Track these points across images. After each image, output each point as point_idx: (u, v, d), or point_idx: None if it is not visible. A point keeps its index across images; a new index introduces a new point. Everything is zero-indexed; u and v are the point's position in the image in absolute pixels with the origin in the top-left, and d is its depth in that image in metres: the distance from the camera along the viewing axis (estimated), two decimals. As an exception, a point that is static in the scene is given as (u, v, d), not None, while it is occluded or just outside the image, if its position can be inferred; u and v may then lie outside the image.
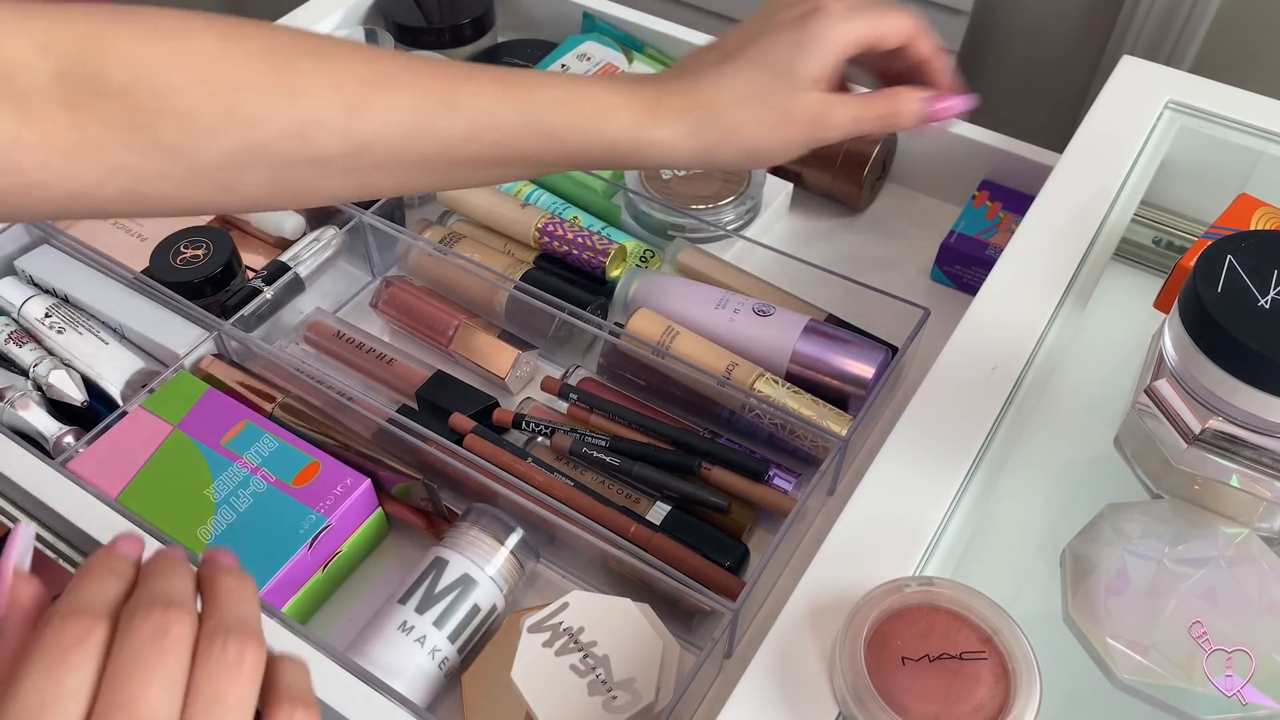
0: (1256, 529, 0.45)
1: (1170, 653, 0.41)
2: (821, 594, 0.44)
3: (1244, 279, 0.41)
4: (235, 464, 0.55)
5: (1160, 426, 0.46)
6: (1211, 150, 0.64)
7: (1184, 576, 0.43)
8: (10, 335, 0.63)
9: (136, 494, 0.54)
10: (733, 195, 0.70)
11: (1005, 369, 0.52)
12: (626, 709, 0.45)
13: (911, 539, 0.46)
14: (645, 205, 0.70)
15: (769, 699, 0.41)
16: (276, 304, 0.65)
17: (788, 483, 0.57)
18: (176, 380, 0.59)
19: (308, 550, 0.52)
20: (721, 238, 0.70)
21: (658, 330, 0.62)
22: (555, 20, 0.85)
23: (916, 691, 0.38)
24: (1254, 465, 0.43)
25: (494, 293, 0.65)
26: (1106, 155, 0.61)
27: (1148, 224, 0.66)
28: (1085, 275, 0.57)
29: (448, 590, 0.51)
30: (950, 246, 0.68)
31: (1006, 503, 0.52)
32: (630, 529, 0.54)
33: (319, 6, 0.82)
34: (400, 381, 0.63)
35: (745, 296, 0.63)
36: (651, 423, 0.59)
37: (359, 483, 0.54)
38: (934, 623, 0.40)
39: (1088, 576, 0.44)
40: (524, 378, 0.65)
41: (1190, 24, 1.20)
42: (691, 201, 0.69)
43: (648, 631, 0.47)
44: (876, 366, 0.59)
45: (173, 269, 0.64)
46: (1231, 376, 0.40)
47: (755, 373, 0.59)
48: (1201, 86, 0.65)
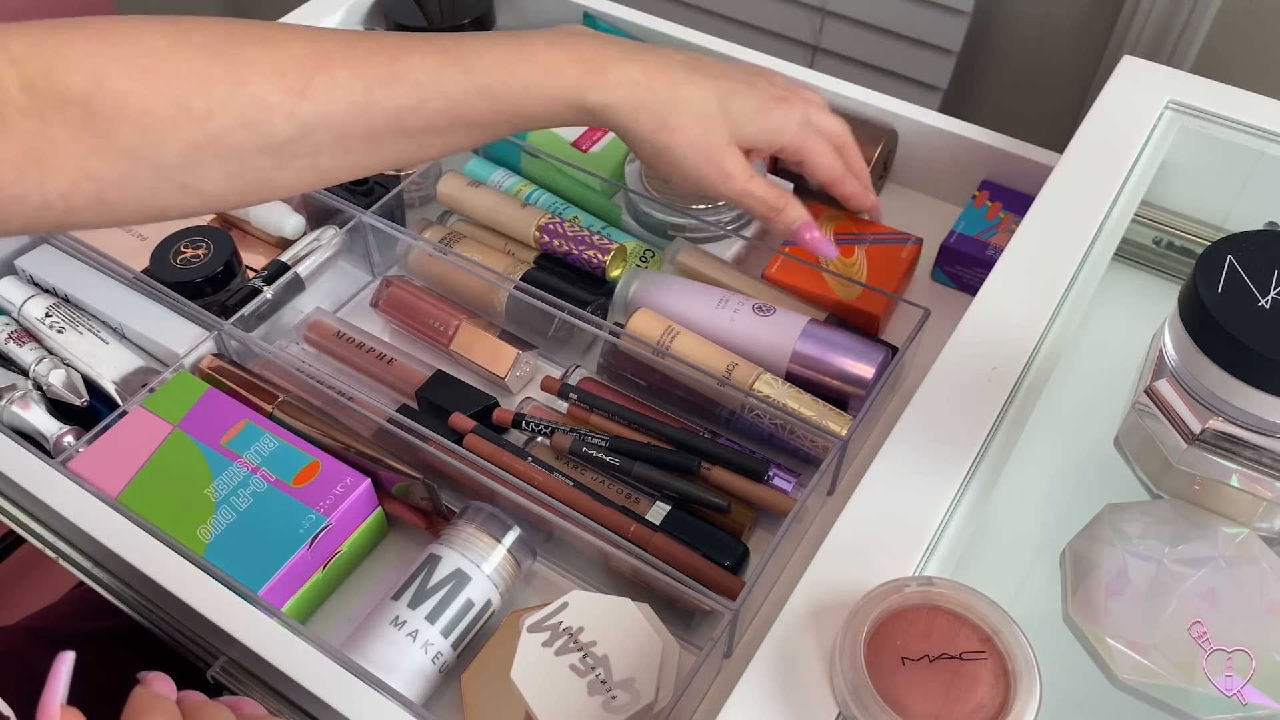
0: (1257, 529, 0.45)
1: (1170, 653, 0.41)
2: (821, 594, 0.44)
3: (1244, 279, 0.41)
4: (235, 463, 0.55)
5: (1160, 426, 0.46)
6: (1212, 151, 0.64)
7: (1184, 577, 0.43)
8: (10, 335, 0.63)
9: (136, 493, 0.54)
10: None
11: (1005, 369, 0.52)
12: (626, 709, 0.45)
13: (911, 539, 0.45)
14: (645, 205, 0.70)
15: (769, 699, 0.41)
16: (276, 304, 0.65)
17: (788, 483, 0.57)
18: (176, 380, 0.59)
19: (308, 550, 0.52)
20: (721, 238, 0.70)
21: (658, 330, 0.62)
22: (556, 20, 0.85)
23: (916, 691, 0.38)
24: (1254, 465, 0.43)
25: (494, 292, 0.65)
26: (1107, 156, 0.61)
27: (1148, 224, 0.66)
28: (1085, 275, 0.57)
29: (439, 585, 0.51)
30: (950, 247, 0.68)
31: (1007, 503, 0.52)
32: (630, 529, 0.54)
33: (319, 6, 0.82)
34: (400, 381, 0.63)
35: (745, 296, 0.63)
36: (651, 422, 0.59)
37: (359, 482, 0.54)
38: (934, 623, 0.40)
39: (1088, 576, 0.44)
40: (524, 377, 0.65)
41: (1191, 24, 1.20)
42: (691, 201, 0.69)
43: (647, 631, 0.47)
44: (876, 366, 0.59)
45: (173, 269, 0.64)
46: (1232, 376, 0.40)
47: (755, 373, 0.59)
48: (1202, 87, 0.65)
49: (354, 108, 0.46)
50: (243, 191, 0.47)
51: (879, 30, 1.30)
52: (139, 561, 0.50)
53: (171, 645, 0.54)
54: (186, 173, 0.44)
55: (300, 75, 0.45)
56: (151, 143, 0.43)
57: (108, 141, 0.42)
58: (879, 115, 0.72)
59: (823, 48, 1.37)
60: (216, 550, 0.52)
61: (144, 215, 0.46)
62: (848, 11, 1.30)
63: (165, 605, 0.54)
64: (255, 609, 0.48)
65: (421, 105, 0.48)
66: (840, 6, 1.30)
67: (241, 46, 0.44)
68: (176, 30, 0.44)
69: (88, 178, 0.42)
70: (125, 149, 0.42)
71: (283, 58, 0.45)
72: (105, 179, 0.43)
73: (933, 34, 1.27)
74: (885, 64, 1.33)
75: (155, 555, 0.50)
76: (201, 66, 0.43)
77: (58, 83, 0.41)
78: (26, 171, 0.41)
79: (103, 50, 0.42)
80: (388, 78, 0.47)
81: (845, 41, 1.34)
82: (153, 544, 0.50)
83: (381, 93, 0.47)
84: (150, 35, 0.43)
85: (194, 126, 0.43)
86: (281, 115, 0.45)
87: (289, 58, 0.45)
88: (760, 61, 0.75)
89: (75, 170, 0.42)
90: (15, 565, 1.26)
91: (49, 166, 0.41)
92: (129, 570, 0.51)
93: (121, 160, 0.43)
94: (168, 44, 0.43)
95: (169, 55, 0.43)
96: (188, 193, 0.45)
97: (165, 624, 0.54)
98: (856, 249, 0.68)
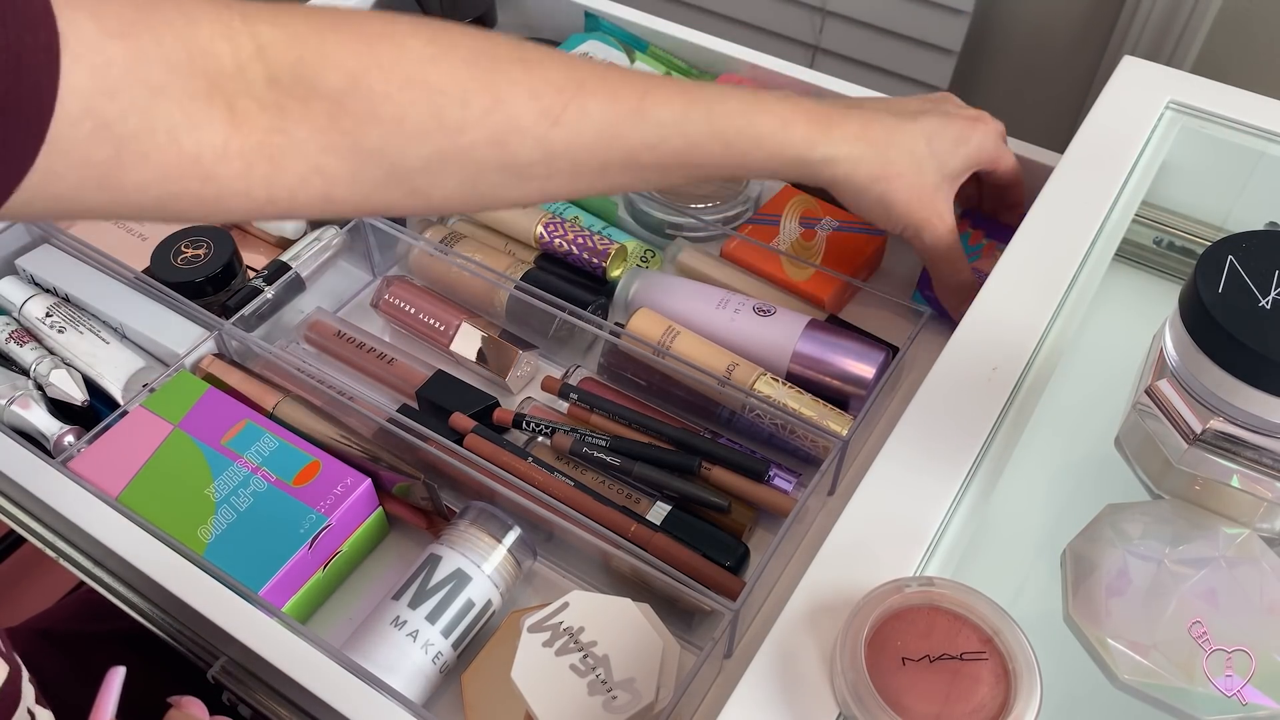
0: (1257, 529, 0.45)
1: (1171, 653, 0.41)
2: (822, 594, 0.44)
3: (1245, 279, 0.41)
4: (236, 463, 0.55)
5: (1161, 427, 0.46)
6: (1213, 151, 0.64)
7: (1185, 577, 0.43)
8: (11, 334, 0.63)
9: (137, 493, 0.54)
10: (732, 195, 0.70)
11: (1006, 369, 0.52)
12: (626, 709, 0.45)
13: (912, 539, 0.45)
14: (645, 204, 0.70)
15: (769, 699, 0.41)
16: (277, 303, 0.65)
17: (788, 483, 0.57)
18: (177, 380, 0.59)
19: (308, 550, 0.52)
20: (722, 237, 0.70)
21: (658, 330, 0.62)
22: (557, 20, 0.85)
23: (917, 692, 0.38)
24: (1255, 466, 0.43)
25: (495, 292, 0.65)
26: (1107, 156, 0.61)
27: (1149, 225, 0.66)
28: (1086, 275, 0.57)
29: (440, 585, 0.51)
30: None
31: (1007, 503, 0.52)
32: (630, 529, 0.54)
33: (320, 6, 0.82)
34: (401, 381, 0.63)
35: (746, 296, 0.63)
36: (652, 422, 0.59)
37: (359, 482, 0.54)
38: (934, 623, 0.40)
39: (1088, 577, 0.44)
40: (524, 377, 0.65)
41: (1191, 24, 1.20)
42: (691, 201, 0.69)
43: (648, 631, 0.47)
44: (877, 367, 0.59)
45: (173, 268, 0.64)
46: (1232, 377, 0.40)
47: (756, 373, 0.59)
48: (1203, 87, 0.65)
49: (600, 139, 0.47)
50: (465, 200, 0.47)
51: (879, 30, 1.30)
52: (139, 561, 0.50)
53: (172, 645, 0.54)
54: (422, 178, 0.44)
55: (557, 100, 0.45)
56: (397, 146, 0.42)
57: (350, 140, 0.41)
58: (879, 115, 0.72)
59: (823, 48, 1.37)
60: (217, 550, 0.52)
61: (363, 211, 0.45)
62: (848, 11, 1.30)
63: (166, 605, 0.54)
64: (256, 609, 0.48)
65: (661, 144, 0.49)
66: (840, 6, 1.30)
67: (503, 65, 0.44)
68: (438, 38, 0.43)
69: (319, 174, 0.41)
70: (368, 150, 0.42)
71: (541, 81, 0.45)
72: (337, 176, 0.42)
73: (933, 34, 1.27)
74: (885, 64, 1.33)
75: (156, 555, 0.50)
76: (464, 80, 0.43)
77: (310, 79, 0.40)
78: (255, 165, 0.39)
79: (364, 51, 0.41)
80: (636, 113, 0.47)
81: (845, 41, 1.34)
82: (153, 544, 0.50)
83: (627, 127, 0.47)
84: (416, 43, 0.42)
85: (445, 136, 0.43)
86: (532, 138, 0.45)
87: (547, 82, 0.45)
88: (760, 62, 0.75)
89: (307, 167, 0.41)
90: (15, 565, 1.27)
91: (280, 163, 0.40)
92: (129, 570, 0.51)
93: (361, 160, 0.42)
94: (433, 53, 0.43)
95: (432, 65, 0.42)
96: (415, 196, 0.45)
97: (165, 624, 0.54)
98: (818, 233, 0.68)
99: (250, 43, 0.39)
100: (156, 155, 0.37)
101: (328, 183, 0.42)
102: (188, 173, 0.38)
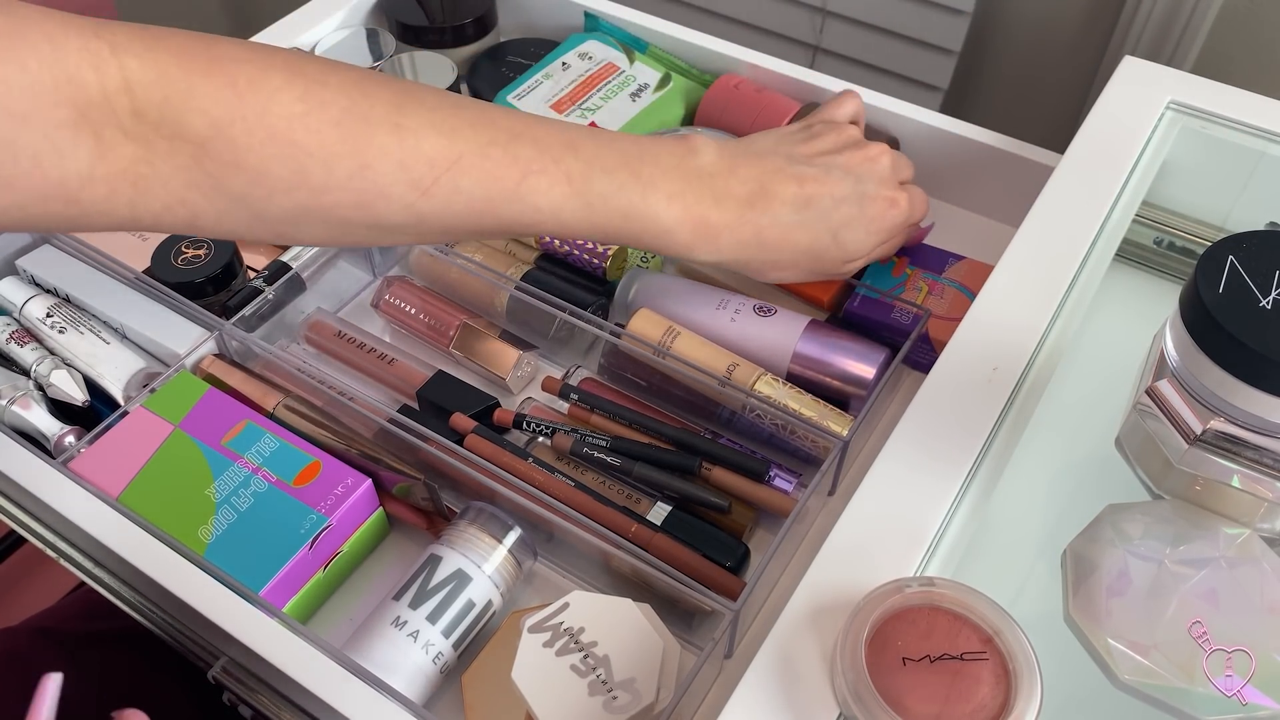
0: (1258, 530, 0.45)
1: (1171, 653, 0.41)
2: (822, 594, 0.44)
3: (1245, 279, 0.41)
4: (236, 464, 0.55)
5: (1161, 427, 0.46)
6: (1213, 151, 0.64)
7: (1185, 577, 0.43)
8: (11, 335, 0.63)
9: (137, 494, 0.54)
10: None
11: (1006, 369, 0.52)
12: (627, 709, 0.45)
13: (912, 539, 0.45)
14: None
15: (769, 699, 0.41)
16: (277, 304, 0.65)
17: (788, 483, 0.57)
18: (177, 380, 0.59)
19: (308, 550, 0.52)
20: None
21: (658, 331, 0.62)
22: (557, 20, 0.85)
23: (917, 692, 0.38)
24: (1255, 466, 0.43)
25: (495, 293, 0.65)
26: (1108, 156, 0.61)
27: (1149, 225, 0.66)
28: (1086, 276, 0.57)
29: (440, 586, 0.51)
30: (854, 311, 0.62)
31: (1007, 503, 0.52)
32: (631, 529, 0.54)
33: (321, 6, 0.82)
34: (401, 381, 0.63)
35: (746, 297, 0.63)
36: (652, 423, 0.59)
37: (360, 482, 0.54)
38: (935, 623, 0.40)
39: (1089, 577, 0.44)
40: (525, 378, 0.65)
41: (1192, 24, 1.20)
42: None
43: (648, 631, 0.47)
44: (877, 367, 0.59)
45: (174, 269, 0.64)
46: (1233, 377, 0.40)
47: (756, 373, 0.59)
48: (1203, 87, 0.65)
49: (470, 212, 0.46)
50: (334, 242, 0.47)
51: (879, 30, 1.30)
52: (140, 562, 0.50)
53: (172, 645, 0.54)
54: (287, 225, 0.44)
55: (428, 174, 0.44)
56: (260, 195, 0.42)
57: (214, 183, 0.41)
58: (879, 115, 0.72)
59: (823, 48, 1.37)
60: (217, 550, 0.52)
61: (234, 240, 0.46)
62: (848, 11, 1.30)
63: (166, 605, 0.54)
64: (256, 609, 0.48)
65: (535, 225, 0.48)
66: (840, 6, 1.30)
67: (374, 130, 0.43)
68: (312, 95, 0.43)
69: (183, 205, 0.41)
70: (231, 194, 0.42)
71: (412, 153, 0.44)
72: (201, 211, 0.42)
73: (933, 34, 1.27)
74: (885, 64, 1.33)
75: (156, 555, 0.50)
76: (331, 142, 0.42)
77: (175, 120, 0.40)
78: (119, 190, 0.40)
79: (232, 100, 0.41)
80: (511, 196, 0.47)
81: (845, 41, 1.34)
82: (154, 544, 0.51)
83: (501, 205, 0.47)
84: (286, 97, 0.42)
85: (308, 195, 0.43)
86: (399, 206, 0.44)
87: (418, 154, 0.44)
88: (760, 62, 0.75)
89: (172, 199, 0.41)
90: (16, 565, 1.26)
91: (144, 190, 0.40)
92: (130, 570, 0.51)
93: (224, 201, 0.42)
94: (302, 110, 0.42)
95: (300, 123, 0.42)
96: (283, 237, 0.45)
97: (166, 624, 0.54)
98: None
99: (118, 74, 0.39)
100: (21, 181, 0.37)
101: (192, 214, 0.42)
102: (52, 195, 0.39)
